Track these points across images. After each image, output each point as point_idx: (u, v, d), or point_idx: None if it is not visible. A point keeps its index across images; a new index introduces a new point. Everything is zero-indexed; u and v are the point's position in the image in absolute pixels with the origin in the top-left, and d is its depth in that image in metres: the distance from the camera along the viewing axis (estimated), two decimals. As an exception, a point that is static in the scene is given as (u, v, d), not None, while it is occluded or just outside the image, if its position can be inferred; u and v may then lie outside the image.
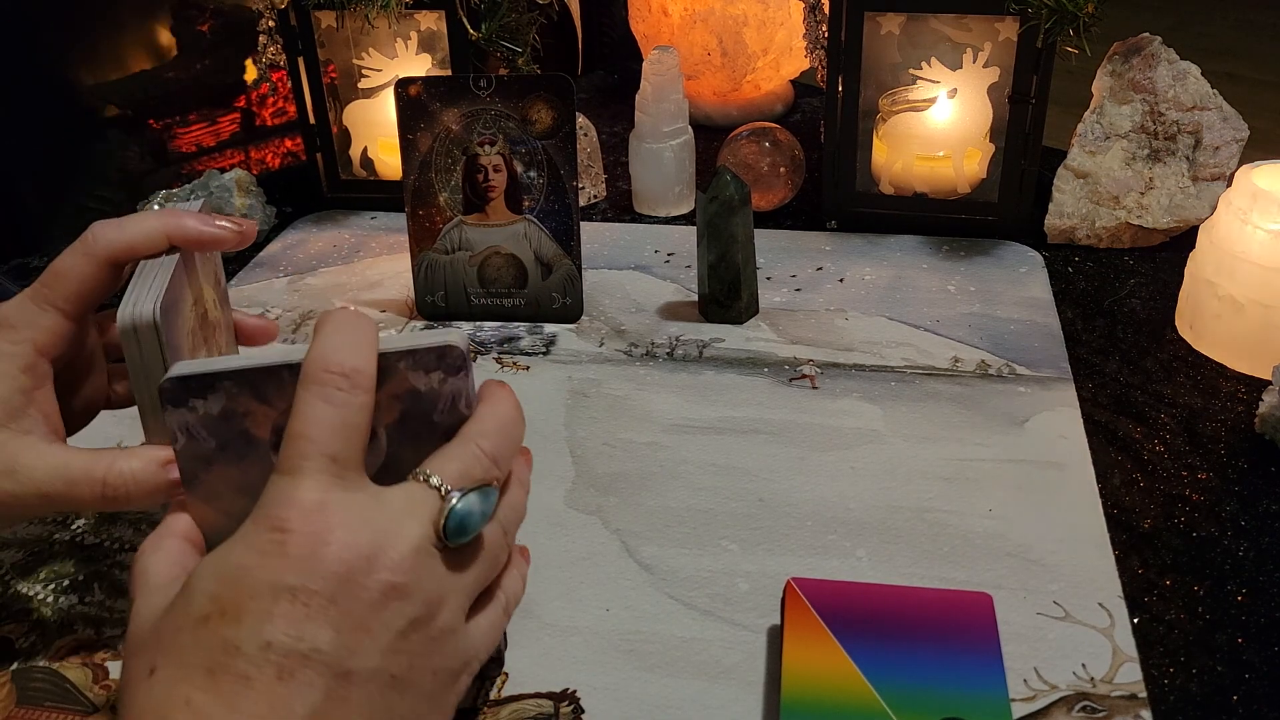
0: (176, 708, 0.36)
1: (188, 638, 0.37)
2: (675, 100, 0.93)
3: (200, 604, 0.37)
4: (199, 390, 0.41)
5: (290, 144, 1.15)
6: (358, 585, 0.37)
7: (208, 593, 0.37)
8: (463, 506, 0.40)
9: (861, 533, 0.59)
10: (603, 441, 0.67)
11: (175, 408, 0.41)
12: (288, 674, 0.36)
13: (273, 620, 0.36)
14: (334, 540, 0.37)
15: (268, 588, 0.37)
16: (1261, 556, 0.57)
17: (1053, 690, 0.49)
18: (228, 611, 0.37)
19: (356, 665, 0.37)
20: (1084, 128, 0.87)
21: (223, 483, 0.42)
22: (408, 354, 0.42)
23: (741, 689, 0.50)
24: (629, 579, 0.57)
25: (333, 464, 0.38)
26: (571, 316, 0.80)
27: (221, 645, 0.36)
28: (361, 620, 0.37)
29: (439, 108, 0.76)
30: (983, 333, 0.76)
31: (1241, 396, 0.69)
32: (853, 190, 0.90)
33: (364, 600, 0.37)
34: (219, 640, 0.36)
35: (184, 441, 0.42)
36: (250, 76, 1.13)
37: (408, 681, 0.39)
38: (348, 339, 0.40)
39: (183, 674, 0.36)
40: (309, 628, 0.36)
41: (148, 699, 0.36)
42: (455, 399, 0.43)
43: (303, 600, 0.36)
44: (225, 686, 0.36)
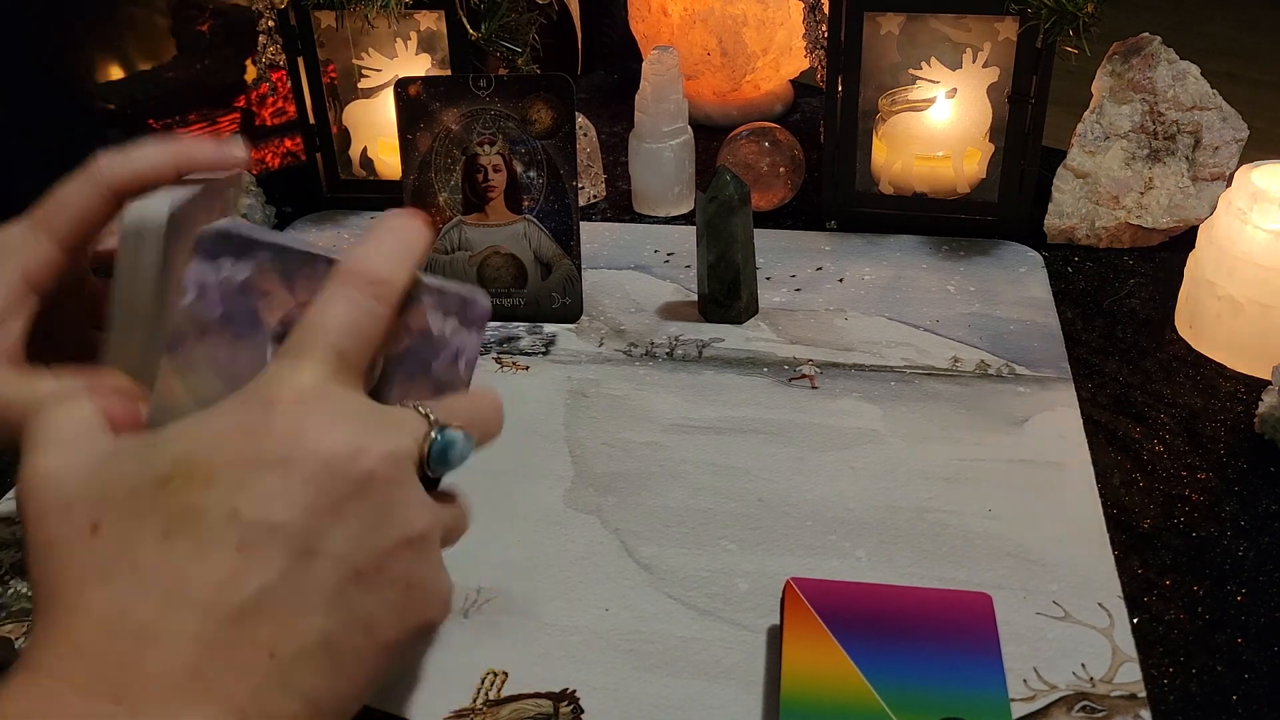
0: (121, 571, 0.34)
1: (144, 499, 0.35)
2: (675, 100, 0.93)
3: (163, 465, 0.36)
4: (236, 250, 0.40)
5: (290, 144, 1.15)
6: (336, 471, 0.36)
7: (175, 455, 0.36)
8: (449, 435, 0.40)
9: (861, 533, 0.59)
10: (602, 441, 0.67)
11: (203, 261, 0.40)
12: (248, 546, 0.34)
13: (243, 491, 0.35)
14: (321, 425, 0.36)
15: (244, 458, 0.35)
16: (1261, 556, 0.57)
17: (1052, 690, 0.49)
18: (196, 476, 0.35)
19: (322, 548, 0.36)
20: (1084, 128, 0.87)
21: (206, 358, 0.40)
22: (436, 290, 0.42)
23: (741, 689, 0.50)
24: (628, 579, 0.57)
25: (338, 359, 0.38)
26: (571, 316, 0.80)
27: (183, 509, 0.35)
28: (334, 505, 0.36)
29: (439, 108, 0.76)
30: (982, 333, 0.76)
31: (1241, 396, 0.69)
32: (852, 190, 0.90)
33: (340, 486, 0.36)
34: (180, 503, 0.35)
35: (192, 299, 0.40)
36: (250, 76, 1.13)
37: (373, 582, 0.37)
38: (392, 249, 0.40)
39: (134, 534, 0.35)
40: (279, 503, 0.35)
41: (88, 557, 0.35)
42: (458, 355, 0.43)
43: (279, 475, 0.35)
44: (179, 550, 0.34)
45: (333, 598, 0.36)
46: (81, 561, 0.35)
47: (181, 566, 0.34)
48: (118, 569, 0.34)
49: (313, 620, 0.36)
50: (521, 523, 0.61)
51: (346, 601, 0.36)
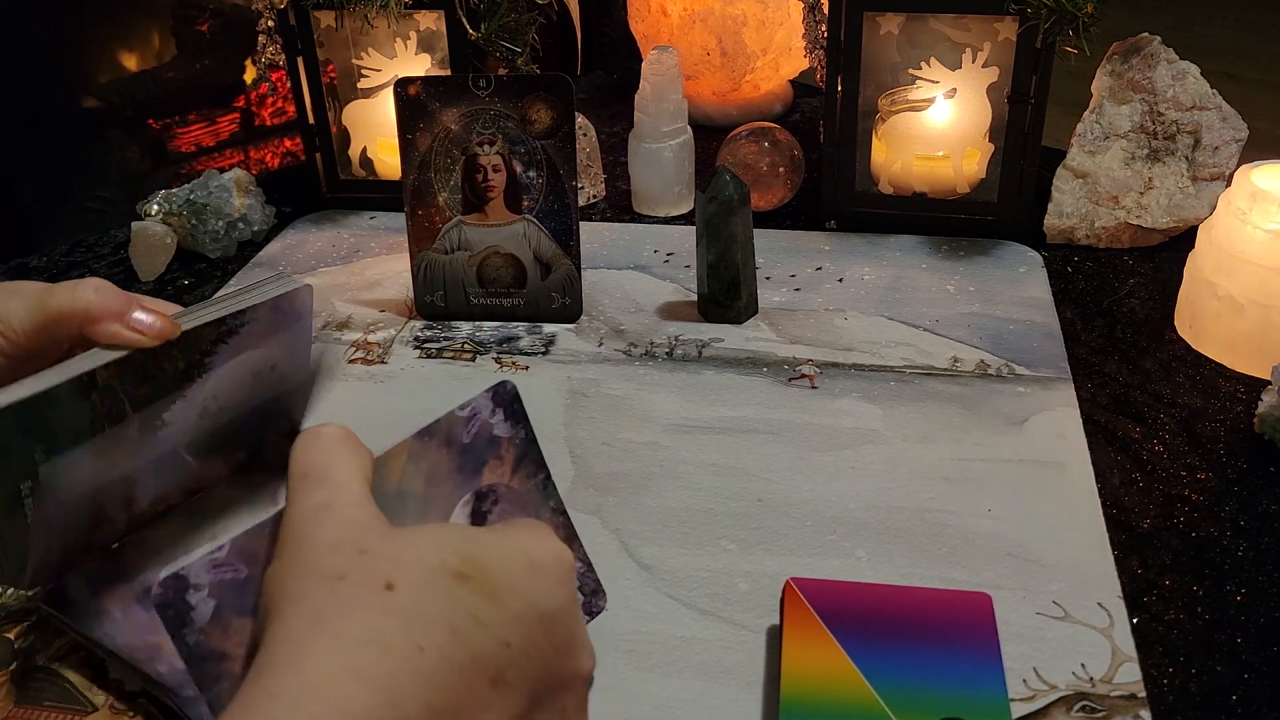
0: (408, 647, 0.33)
1: (439, 583, 0.35)
2: (674, 100, 0.93)
3: (458, 561, 0.35)
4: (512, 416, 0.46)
5: (289, 144, 1.15)
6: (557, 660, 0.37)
7: (469, 556, 0.36)
8: None
9: (861, 533, 0.59)
10: (602, 441, 0.67)
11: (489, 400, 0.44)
12: (503, 684, 0.34)
13: (516, 628, 0.35)
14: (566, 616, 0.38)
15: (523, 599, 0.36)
16: (1261, 556, 0.57)
17: (1052, 690, 0.49)
18: (487, 588, 0.35)
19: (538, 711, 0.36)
20: (1083, 128, 0.87)
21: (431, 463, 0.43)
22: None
23: (741, 689, 0.50)
24: (629, 579, 0.57)
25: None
26: (571, 316, 0.80)
27: (472, 614, 0.34)
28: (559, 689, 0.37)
29: (438, 108, 0.76)
30: (982, 333, 0.76)
31: (1241, 396, 0.69)
32: (852, 190, 0.90)
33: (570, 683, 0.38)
34: (471, 607, 0.35)
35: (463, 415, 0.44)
36: (250, 76, 1.13)
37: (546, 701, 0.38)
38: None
39: (427, 613, 0.34)
40: (535, 655, 0.36)
41: (380, 616, 0.33)
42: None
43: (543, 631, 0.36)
44: (455, 654, 0.34)
45: None
46: (370, 616, 0.34)
47: (452, 678, 0.33)
48: (405, 643, 0.33)
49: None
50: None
51: None
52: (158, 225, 0.90)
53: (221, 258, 0.92)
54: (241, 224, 0.93)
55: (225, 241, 0.92)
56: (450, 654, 0.33)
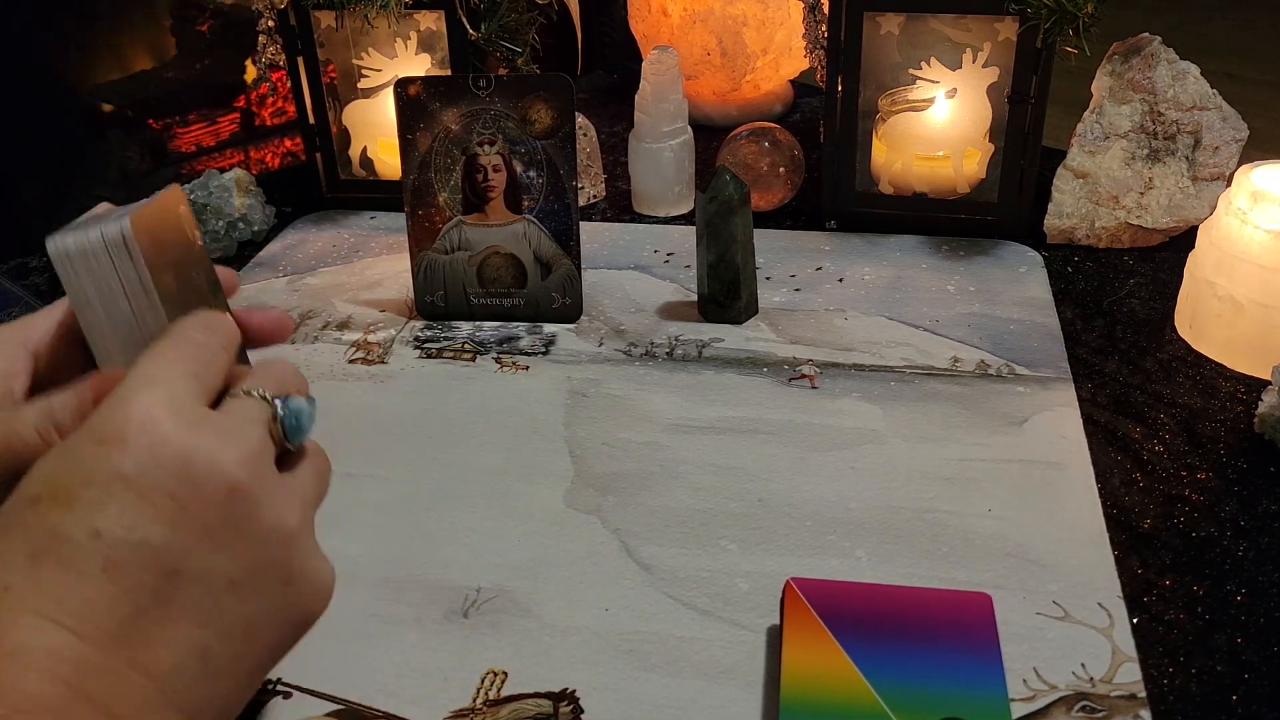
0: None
1: (15, 520, 0.35)
2: (675, 100, 0.93)
3: (35, 485, 0.36)
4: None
5: (290, 144, 1.15)
6: (198, 482, 0.36)
7: (43, 474, 0.36)
8: (294, 405, 0.40)
9: (861, 533, 0.59)
10: (602, 441, 0.67)
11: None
12: (114, 565, 0.34)
13: (105, 509, 0.35)
14: (177, 438, 0.36)
15: (104, 475, 0.35)
16: (1261, 556, 0.57)
17: (1052, 690, 0.49)
18: (60, 495, 0.35)
19: (190, 565, 0.36)
20: (1083, 128, 0.87)
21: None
22: None
23: (741, 689, 0.50)
24: (628, 579, 0.57)
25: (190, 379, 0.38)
26: (571, 316, 0.80)
27: (49, 530, 0.34)
28: (200, 519, 0.36)
29: (438, 107, 0.76)
30: (982, 333, 0.76)
31: (1241, 396, 0.69)
32: (852, 190, 0.90)
33: (204, 499, 0.36)
34: (47, 525, 0.35)
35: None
36: (250, 76, 1.13)
37: (248, 589, 0.37)
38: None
39: (3, 558, 0.34)
40: (142, 520, 0.35)
41: None
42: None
43: (138, 491, 0.35)
44: (47, 574, 0.34)
45: (207, 610, 0.36)
46: None
47: (50, 590, 0.34)
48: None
49: (187, 633, 0.35)
50: (521, 523, 0.61)
51: (221, 612, 0.36)
52: (158, 225, 0.89)
53: (222, 258, 0.92)
54: (242, 224, 0.93)
55: (226, 241, 0.92)
56: (40, 576, 0.34)
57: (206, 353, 0.40)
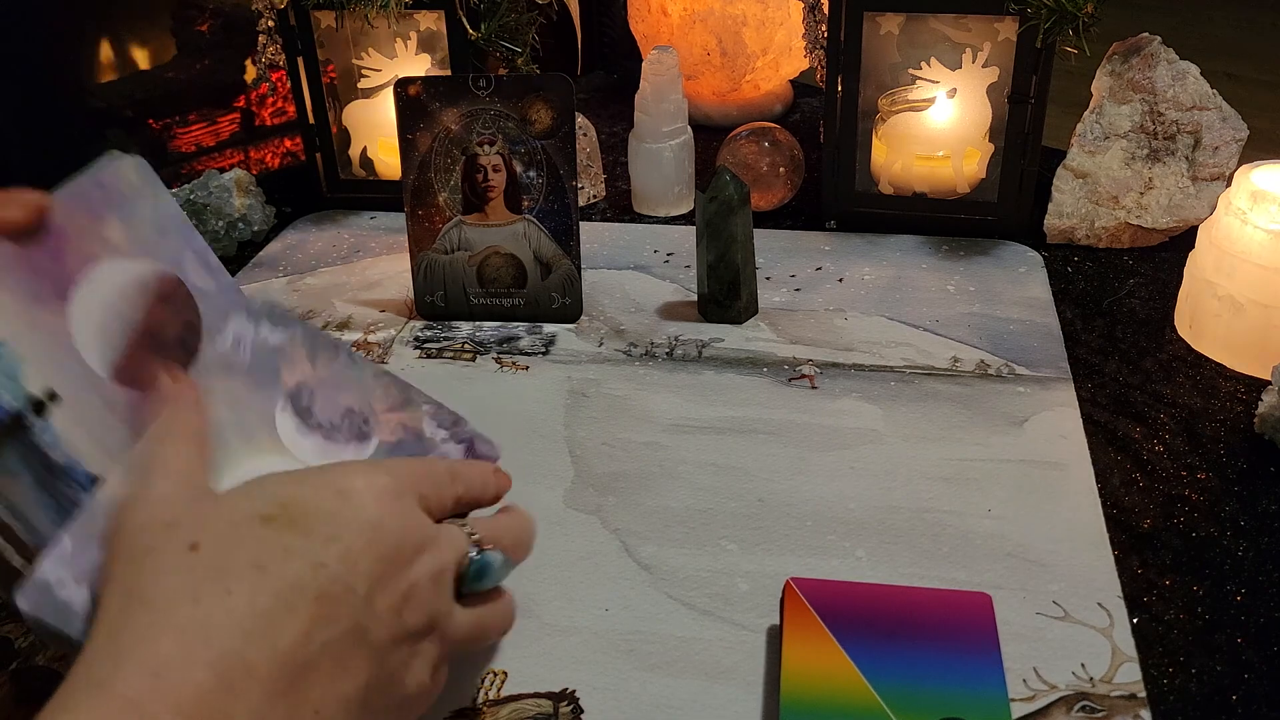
0: (213, 593, 0.35)
1: (245, 530, 0.37)
2: (675, 100, 0.93)
3: (267, 505, 0.38)
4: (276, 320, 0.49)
5: (290, 144, 1.15)
6: (400, 559, 0.40)
7: (280, 498, 0.39)
8: (487, 558, 0.44)
9: (861, 533, 0.59)
10: (602, 441, 0.67)
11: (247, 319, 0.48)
12: (325, 599, 0.37)
13: (332, 547, 0.38)
14: (395, 517, 0.40)
15: (339, 519, 0.39)
16: (1261, 556, 0.57)
17: (1052, 690, 0.49)
18: (296, 522, 0.38)
19: (372, 621, 0.38)
20: (1083, 128, 0.87)
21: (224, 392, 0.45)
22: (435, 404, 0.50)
23: (741, 689, 0.50)
24: (628, 579, 0.57)
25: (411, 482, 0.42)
26: (571, 316, 0.80)
27: (281, 548, 0.37)
28: (388, 586, 0.39)
29: (438, 108, 0.76)
30: (982, 333, 0.76)
31: (1241, 396, 0.69)
32: (852, 190, 0.90)
33: (398, 575, 0.39)
34: (278, 542, 0.37)
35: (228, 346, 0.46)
36: (250, 76, 1.13)
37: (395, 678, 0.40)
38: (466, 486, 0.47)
39: (230, 559, 0.36)
40: (358, 568, 0.38)
41: (185, 574, 0.36)
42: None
43: (364, 542, 0.39)
44: (266, 588, 0.36)
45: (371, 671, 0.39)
46: (177, 575, 0.36)
47: (267, 608, 0.36)
48: (209, 591, 0.35)
49: (349, 690, 0.38)
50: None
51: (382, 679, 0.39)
52: (158, 225, 0.89)
53: (222, 258, 0.91)
54: (242, 224, 0.93)
55: (225, 241, 0.92)
56: (261, 587, 0.36)
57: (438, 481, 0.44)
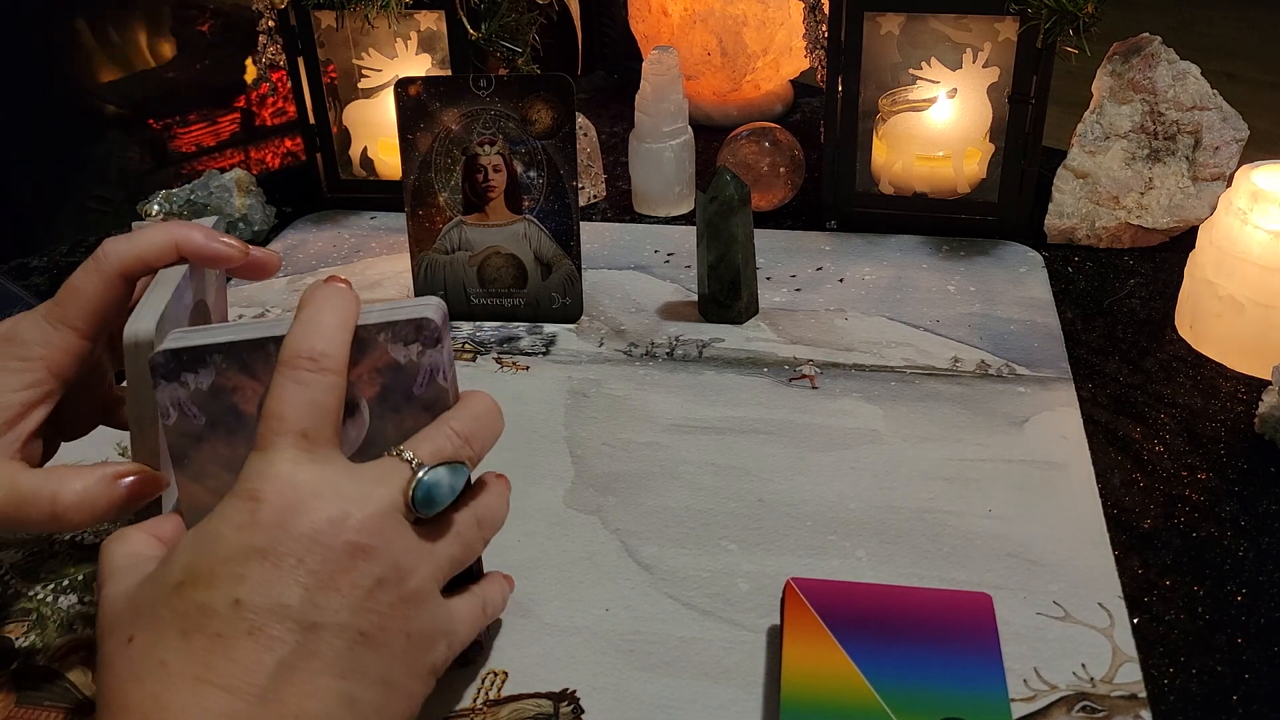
0: (151, 669, 0.38)
1: (163, 605, 0.39)
2: (675, 100, 0.93)
3: (175, 573, 0.39)
4: (190, 364, 0.43)
5: (290, 144, 1.16)
6: (325, 545, 0.39)
7: (182, 563, 0.40)
8: (431, 477, 0.42)
9: (861, 533, 0.59)
10: (602, 441, 0.67)
11: (168, 382, 0.43)
12: (257, 629, 0.38)
13: (243, 581, 0.38)
14: (303, 506, 0.40)
15: (239, 552, 0.39)
16: (1261, 556, 0.57)
17: (1053, 690, 0.49)
18: (201, 577, 0.39)
19: (324, 620, 0.39)
20: (1084, 128, 0.87)
21: (211, 460, 0.44)
22: (386, 326, 0.44)
23: (741, 689, 0.50)
24: (629, 579, 0.57)
25: (303, 440, 0.41)
26: (571, 316, 0.80)
27: (196, 608, 0.38)
28: (329, 578, 0.39)
29: (439, 108, 0.76)
30: (983, 333, 0.76)
31: (1241, 396, 0.69)
32: (853, 190, 0.90)
33: (331, 559, 0.39)
34: (193, 604, 0.38)
35: (175, 418, 0.43)
36: (250, 76, 1.13)
37: (378, 640, 0.40)
38: (322, 321, 0.42)
39: (158, 638, 0.38)
40: (277, 586, 0.38)
41: (126, 665, 0.38)
42: (433, 372, 0.45)
43: (272, 561, 0.39)
44: (198, 645, 0.38)
45: (345, 661, 0.39)
46: (121, 669, 0.38)
47: (203, 660, 0.37)
48: (148, 668, 0.38)
49: (330, 684, 0.39)
50: (521, 523, 0.61)
51: (358, 663, 0.40)
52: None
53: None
54: (242, 224, 0.93)
55: (225, 241, 0.92)
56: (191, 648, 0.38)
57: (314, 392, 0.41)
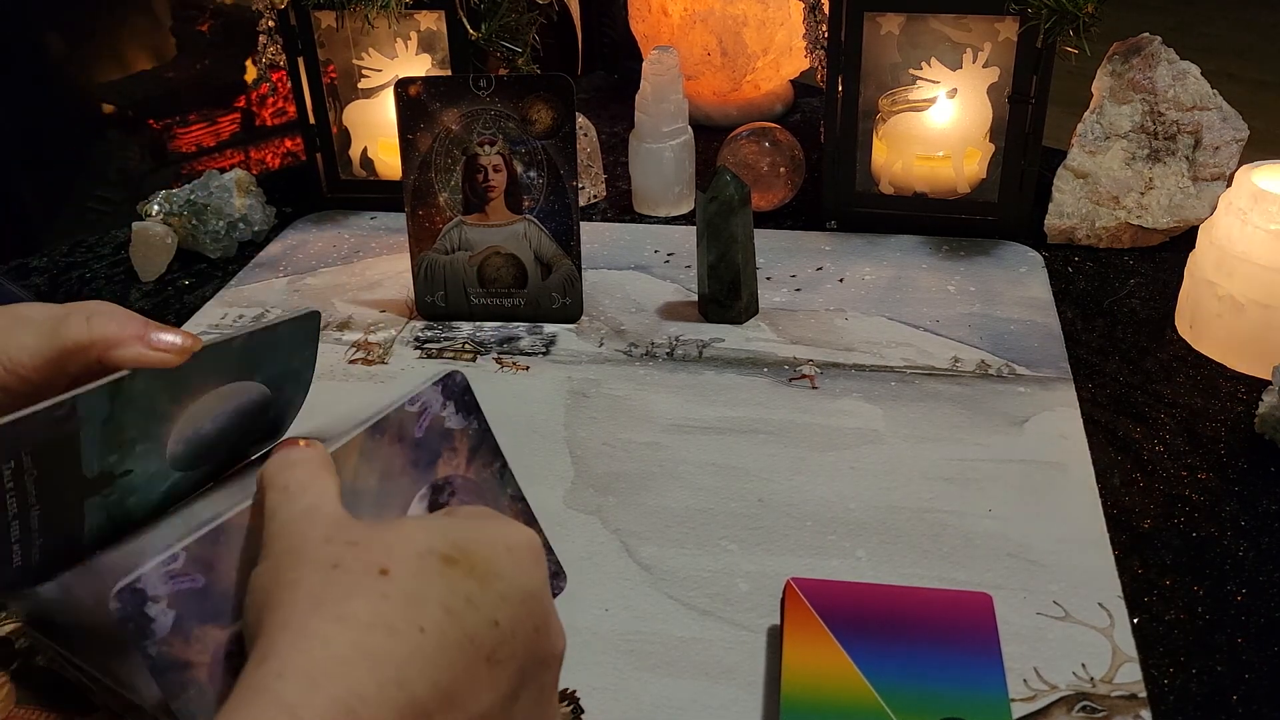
0: (410, 628, 0.34)
1: (432, 568, 0.36)
2: (675, 100, 0.93)
3: (448, 547, 0.37)
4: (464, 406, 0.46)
5: (290, 144, 1.15)
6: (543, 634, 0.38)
7: (458, 542, 0.37)
8: None
9: (861, 533, 0.59)
10: (602, 441, 0.67)
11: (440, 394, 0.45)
12: (496, 663, 0.35)
13: (507, 608, 0.36)
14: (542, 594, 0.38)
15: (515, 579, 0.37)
16: (1261, 556, 0.57)
17: (1053, 690, 0.49)
18: (475, 570, 0.36)
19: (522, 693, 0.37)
20: (1084, 128, 0.87)
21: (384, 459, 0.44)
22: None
23: (741, 689, 0.50)
24: (629, 579, 0.57)
25: None
26: (571, 316, 0.80)
27: (464, 596, 0.36)
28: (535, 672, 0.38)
29: (439, 108, 0.76)
30: (983, 333, 0.76)
31: (1241, 396, 0.69)
32: (853, 190, 0.90)
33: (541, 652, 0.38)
34: (463, 590, 0.36)
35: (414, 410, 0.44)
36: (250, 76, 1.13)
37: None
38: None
39: (422, 596, 0.35)
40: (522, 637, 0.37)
41: (379, 600, 0.35)
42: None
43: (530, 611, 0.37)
44: (452, 635, 0.35)
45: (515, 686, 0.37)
46: (369, 601, 0.34)
47: (453, 657, 0.34)
48: (406, 625, 0.34)
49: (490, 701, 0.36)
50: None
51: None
52: (158, 225, 0.90)
53: (222, 258, 0.92)
54: (242, 224, 0.93)
55: (226, 242, 0.92)
56: (448, 633, 0.35)
57: None
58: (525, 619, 0.37)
